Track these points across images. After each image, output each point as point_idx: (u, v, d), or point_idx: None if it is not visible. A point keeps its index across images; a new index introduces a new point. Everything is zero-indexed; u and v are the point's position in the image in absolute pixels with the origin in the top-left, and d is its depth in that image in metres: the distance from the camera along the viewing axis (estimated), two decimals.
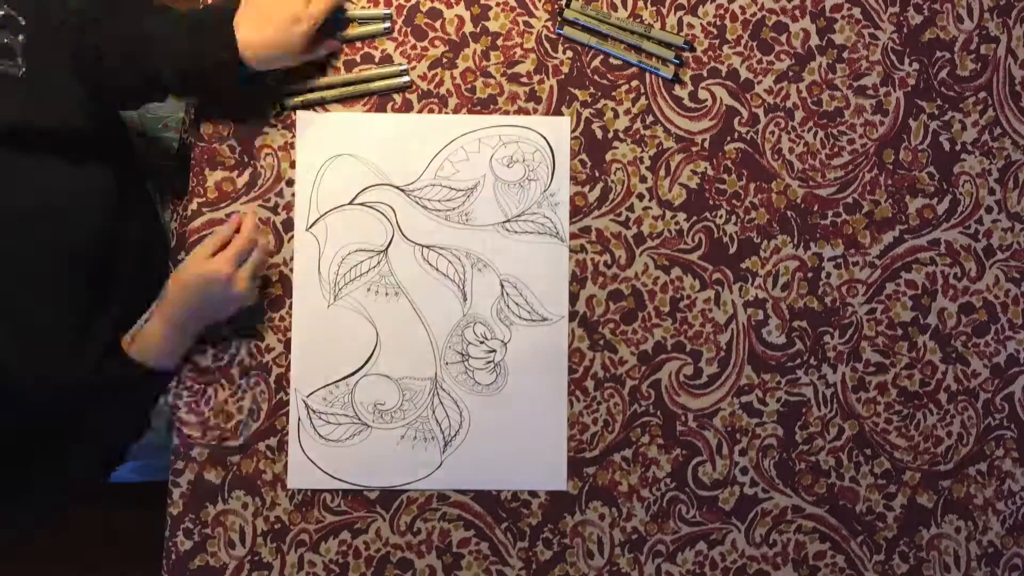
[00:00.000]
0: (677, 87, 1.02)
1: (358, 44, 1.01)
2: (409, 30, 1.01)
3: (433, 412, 0.98)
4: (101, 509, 1.58)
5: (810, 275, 1.02)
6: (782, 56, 1.03)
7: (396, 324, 0.98)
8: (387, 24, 1.00)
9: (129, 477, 1.14)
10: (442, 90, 1.01)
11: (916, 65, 1.04)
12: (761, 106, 1.03)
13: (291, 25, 0.90)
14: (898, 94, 1.04)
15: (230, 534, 0.96)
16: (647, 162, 1.02)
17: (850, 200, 1.03)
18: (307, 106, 0.99)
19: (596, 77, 1.02)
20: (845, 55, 1.04)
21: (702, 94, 1.02)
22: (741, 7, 1.03)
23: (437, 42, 1.01)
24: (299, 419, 0.97)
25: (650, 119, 1.02)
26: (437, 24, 1.01)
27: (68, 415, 0.87)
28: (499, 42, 1.02)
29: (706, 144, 1.02)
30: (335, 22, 0.99)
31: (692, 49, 1.02)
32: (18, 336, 0.81)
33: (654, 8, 1.02)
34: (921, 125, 1.04)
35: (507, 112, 1.01)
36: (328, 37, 0.97)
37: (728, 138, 1.02)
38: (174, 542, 0.96)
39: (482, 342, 0.99)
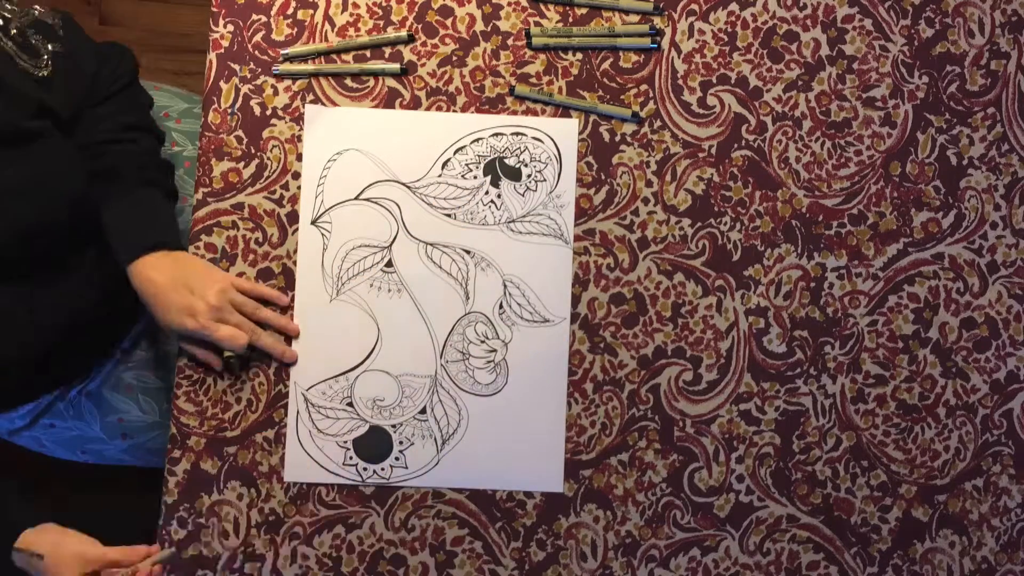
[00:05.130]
0: (686, 93, 1.02)
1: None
2: (420, 27, 1.01)
3: (432, 410, 0.98)
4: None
5: (813, 285, 1.02)
6: (792, 65, 1.03)
7: (398, 320, 0.98)
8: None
9: (121, 458, 1.14)
10: (451, 88, 1.01)
11: (926, 78, 1.04)
12: (769, 114, 1.03)
13: (184, 314, 0.91)
14: (907, 107, 1.04)
15: (224, 524, 0.96)
16: (653, 166, 1.02)
17: (855, 211, 1.03)
18: (302, 57, 1.00)
19: (605, 80, 1.02)
20: (855, 66, 1.04)
21: (711, 100, 1.02)
22: (752, 15, 1.03)
23: (447, 40, 1.01)
24: (297, 412, 0.97)
25: (658, 123, 1.02)
26: (448, 22, 1.01)
27: None
28: (510, 42, 1.02)
29: (713, 151, 1.02)
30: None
31: (662, 12, 1.02)
32: None
33: (665, 14, 1.02)
34: (929, 138, 1.04)
35: (515, 112, 1.01)
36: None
37: (735, 145, 1.02)
38: (167, 530, 0.96)
39: (483, 341, 0.99)
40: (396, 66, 0.99)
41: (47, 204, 0.88)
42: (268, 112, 1.00)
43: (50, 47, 0.89)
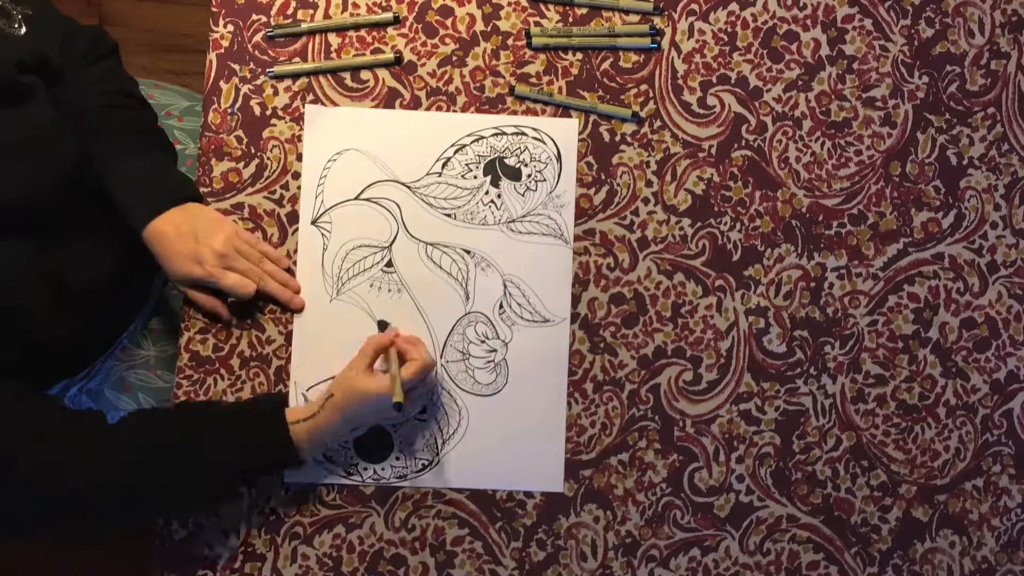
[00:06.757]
0: (686, 93, 1.02)
1: (368, 40, 1.01)
2: (420, 27, 1.01)
3: (432, 410, 0.98)
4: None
5: (813, 285, 1.02)
6: (792, 65, 1.03)
7: (398, 321, 0.98)
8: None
9: None
10: (451, 88, 1.01)
11: (926, 78, 1.04)
12: (769, 114, 1.03)
13: (191, 262, 0.91)
14: (907, 107, 1.04)
15: (224, 525, 0.96)
16: (653, 166, 1.02)
17: (855, 211, 1.03)
18: (290, 35, 1.00)
19: (605, 80, 1.02)
20: (855, 66, 1.04)
21: (711, 100, 1.02)
22: (752, 15, 1.03)
23: (447, 39, 1.01)
24: None
25: (658, 124, 1.02)
26: (448, 22, 1.01)
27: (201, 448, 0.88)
28: (510, 42, 1.02)
29: (713, 150, 1.02)
30: None
31: (662, 12, 1.02)
32: None
33: (665, 14, 1.02)
34: (929, 138, 1.04)
35: (515, 112, 1.01)
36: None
37: (735, 145, 1.02)
38: (167, 531, 0.95)
39: (483, 341, 0.99)
40: (390, 55, 0.99)
41: (46, 164, 0.88)
42: (268, 112, 1.00)
43: (18, 9, 0.89)
